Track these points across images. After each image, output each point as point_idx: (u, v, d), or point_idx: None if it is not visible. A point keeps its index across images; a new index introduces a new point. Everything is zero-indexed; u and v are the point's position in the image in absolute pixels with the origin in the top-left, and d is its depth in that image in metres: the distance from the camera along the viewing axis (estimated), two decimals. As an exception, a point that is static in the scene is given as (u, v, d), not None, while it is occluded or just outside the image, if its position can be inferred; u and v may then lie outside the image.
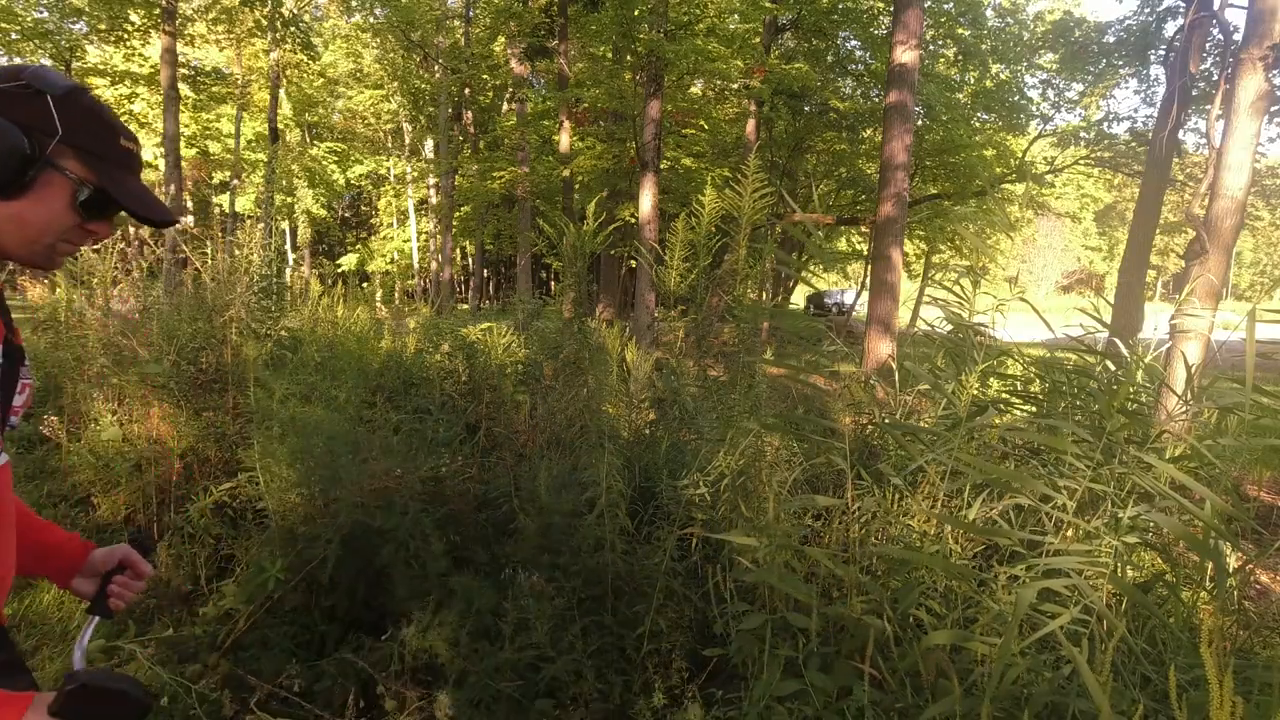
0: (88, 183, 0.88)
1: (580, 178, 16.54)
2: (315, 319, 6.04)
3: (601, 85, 13.21)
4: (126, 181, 0.92)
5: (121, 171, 0.92)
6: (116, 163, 0.91)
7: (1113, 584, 1.66)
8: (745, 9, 12.39)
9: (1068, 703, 1.46)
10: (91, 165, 0.88)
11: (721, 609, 2.12)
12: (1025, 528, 2.00)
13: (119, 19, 14.99)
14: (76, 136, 0.87)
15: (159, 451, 3.42)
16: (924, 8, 8.93)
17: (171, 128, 12.62)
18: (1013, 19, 17.28)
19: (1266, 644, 1.93)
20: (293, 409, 3.17)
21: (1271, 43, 4.00)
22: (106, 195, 0.90)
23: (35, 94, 0.85)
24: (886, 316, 7.80)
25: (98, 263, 4.23)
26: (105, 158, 0.90)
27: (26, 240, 0.88)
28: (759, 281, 3.12)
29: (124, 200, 0.90)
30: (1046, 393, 2.82)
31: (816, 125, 16.26)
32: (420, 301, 20.13)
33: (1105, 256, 50.81)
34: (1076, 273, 55.10)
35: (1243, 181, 4.09)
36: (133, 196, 0.92)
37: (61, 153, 0.86)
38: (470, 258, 28.18)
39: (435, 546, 2.52)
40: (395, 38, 19.72)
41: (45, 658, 2.39)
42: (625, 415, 3.48)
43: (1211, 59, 11.84)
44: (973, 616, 1.83)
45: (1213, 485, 2.03)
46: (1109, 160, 17.35)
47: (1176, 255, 6.19)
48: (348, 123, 28.80)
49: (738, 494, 2.43)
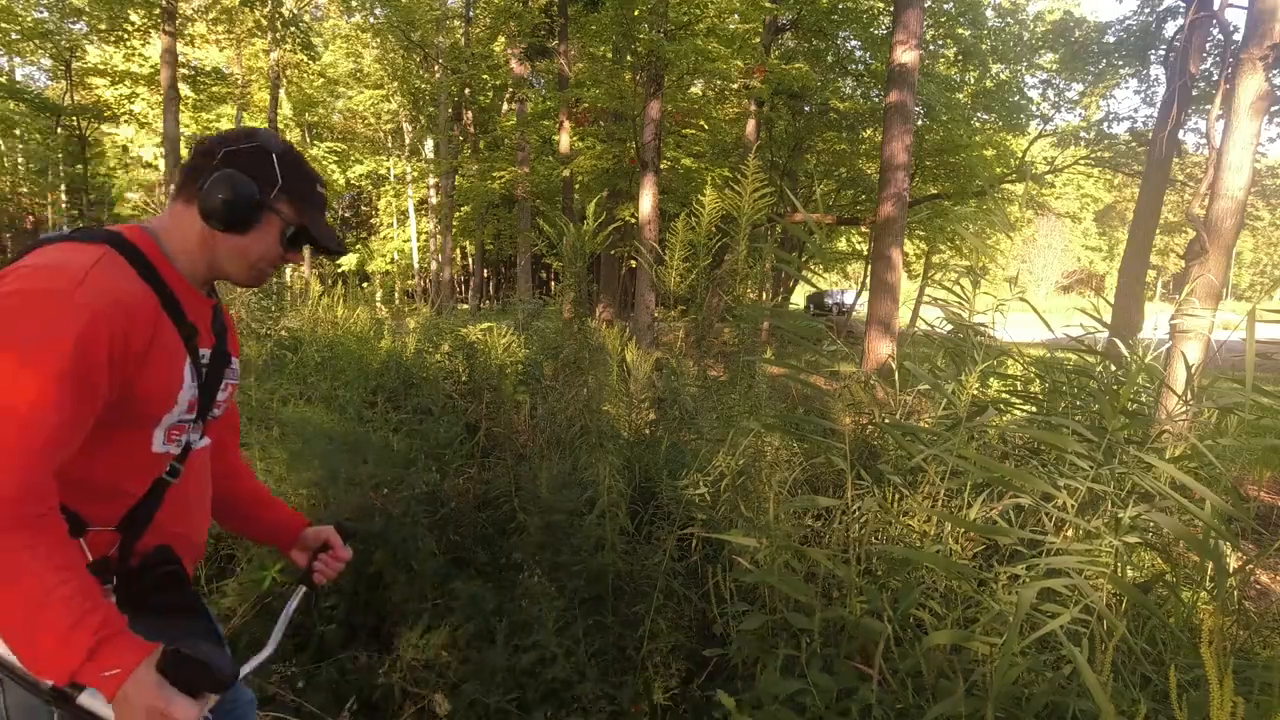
0: (293, 223, 1.11)
1: (580, 178, 16.52)
2: (315, 319, 6.04)
3: (601, 85, 13.19)
4: (319, 220, 1.15)
5: (316, 212, 1.14)
6: (314, 205, 1.14)
7: (1113, 584, 1.66)
8: (745, 9, 12.37)
9: (1068, 703, 1.46)
10: (297, 209, 1.11)
11: (721, 609, 2.12)
12: (1026, 528, 2.00)
13: (119, 19, 14.97)
14: (289, 186, 1.09)
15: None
16: (924, 8, 8.93)
17: (171, 128, 12.62)
18: (1013, 19, 17.26)
19: (1266, 644, 1.93)
20: (293, 409, 3.17)
21: (1271, 43, 4.00)
22: (307, 232, 1.12)
23: (264, 153, 1.06)
24: (886, 316, 7.79)
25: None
26: (306, 202, 1.12)
27: (245, 267, 1.10)
28: (759, 281, 3.12)
29: (319, 237, 1.13)
30: (1046, 393, 2.82)
31: (816, 125, 16.24)
32: (420, 301, 20.13)
33: (1105, 256, 50.79)
34: (1076, 273, 55.10)
35: (1243, 181, 4.09)
36: (323, 233, 1.14)
37: (278, 199, 1.08)
38: (470, 258, 28.19)
39: (427, 547, 2.52)
40: (395, 38, 19.70)
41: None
42: (625, 415, 3.48)
43: (1211, 59, 11.83)
44: (973, 616, 1.83)
45: (1213, 485, 2.03)
46: (1109, 160, 17.33)
47: (1176, 255, 6.18)
48: (348, 123, 28.78)
49: (738, 494, 2.43)
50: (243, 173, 1.03)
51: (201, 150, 1.06)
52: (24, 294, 0.88)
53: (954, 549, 2.14)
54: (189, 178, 1.06)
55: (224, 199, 1.02)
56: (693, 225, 3.15)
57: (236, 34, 19.39)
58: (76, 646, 0.81)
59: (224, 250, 1.07)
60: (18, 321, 0.86)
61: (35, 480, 0.85)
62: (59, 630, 0.80)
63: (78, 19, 16.79)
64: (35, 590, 0.80)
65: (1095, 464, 1.67)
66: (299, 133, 28.02)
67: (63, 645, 0.80)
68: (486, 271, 31.94)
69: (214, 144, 1.06)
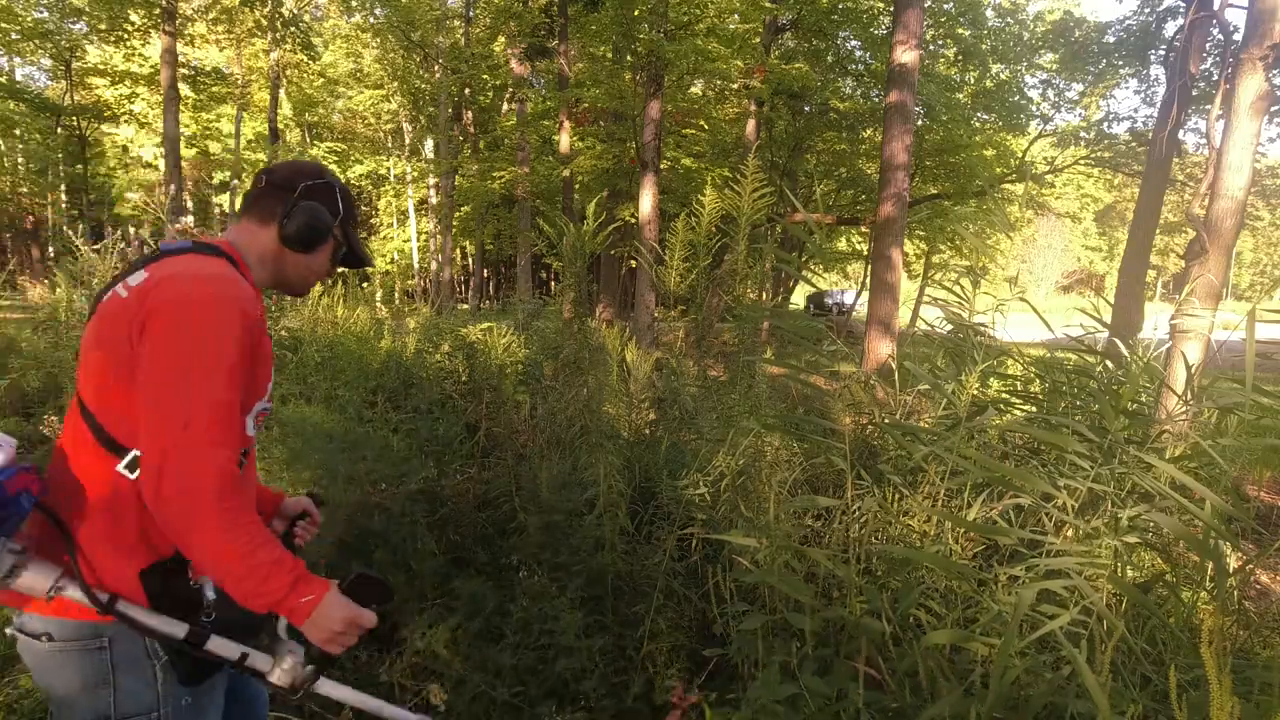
0: (344, 243, 1.36)
1: (580, 178, 16.51)
2: (315, 319, 6.04)
3: (601, 85, 13.18)
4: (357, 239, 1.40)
5: (357, 233, 1.40)
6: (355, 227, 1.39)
7: (1113, 584, 1.66)
8: (745, 9, 12.37)
9: (1067, 703, 1.45)
10: (346, 232, 1.35)
11: (721, 609, 2.12)
12: (1026, 528, 2.00)
13: (119, 19, 14.97)
14: (346, 216, 1.33)
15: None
16: (924, 8, 8.93)
17: (171, 128, 12.61)
18: (1013, 19, 17.25)
19: (1266, 644, 1.93)
20: (292, 409, 3.17)
21: (1271, 43, 3.99)
22: (353, 252, 1.38)
23: (332, 188, 1.30)
24: (886, 316, 7.79)
25: (98, 263, 4.22)
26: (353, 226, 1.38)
27: (304, 279, 1.33)
28: (759, 281, 3.12)
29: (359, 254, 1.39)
30: (1046, 393, 2.82)
31: (816, 125, 16.23)
32: (420, 301, 20.13)
33: (1105, 256, 50.77)
34: (1076, 273, 55.07)
35: (1243, 182, 4.08)
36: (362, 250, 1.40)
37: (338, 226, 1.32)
38: (470, 258, 28.17)
39: (426, 547, 2.52)
40: (395, 38, 19.69)
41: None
42: (625, 415, 3.48)
43: (1211, 59, 11.83)
44: (973, 616, 1.83)
45: (1213, 485, 2.03)
46: (1109, 160, 17.33)
47: (1176, 255, 6.18)
48: (348, 123, 28.76)
49: (738, 494, 2.42)
50: (321, 205, 1.26)
51: (275, 181, 1.26)
52: (196, 303, 1.06)
53: (954, 549, 2.14)
54: (263, 202, 1.26)
55: (306, 226, 1.24)
56: (693, 225, 3.14)
57: (236, 34, 19.38)
58: (281, 582, 1.02)
59: (291, 265, 1.29)
60: (196, 328, 1.05)
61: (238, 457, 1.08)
62: (267, 570, 1.01)
63: (78, 19, 16.79)
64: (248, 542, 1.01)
65: (1095, 464, 1.67)
66: (299, 133, 28.02)
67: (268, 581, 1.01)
68: (486, 271, 31.92)
69: (290, 176, 1.27)
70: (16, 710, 2.12)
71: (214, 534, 0.99)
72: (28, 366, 5.05)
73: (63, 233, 10.25)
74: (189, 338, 1.04)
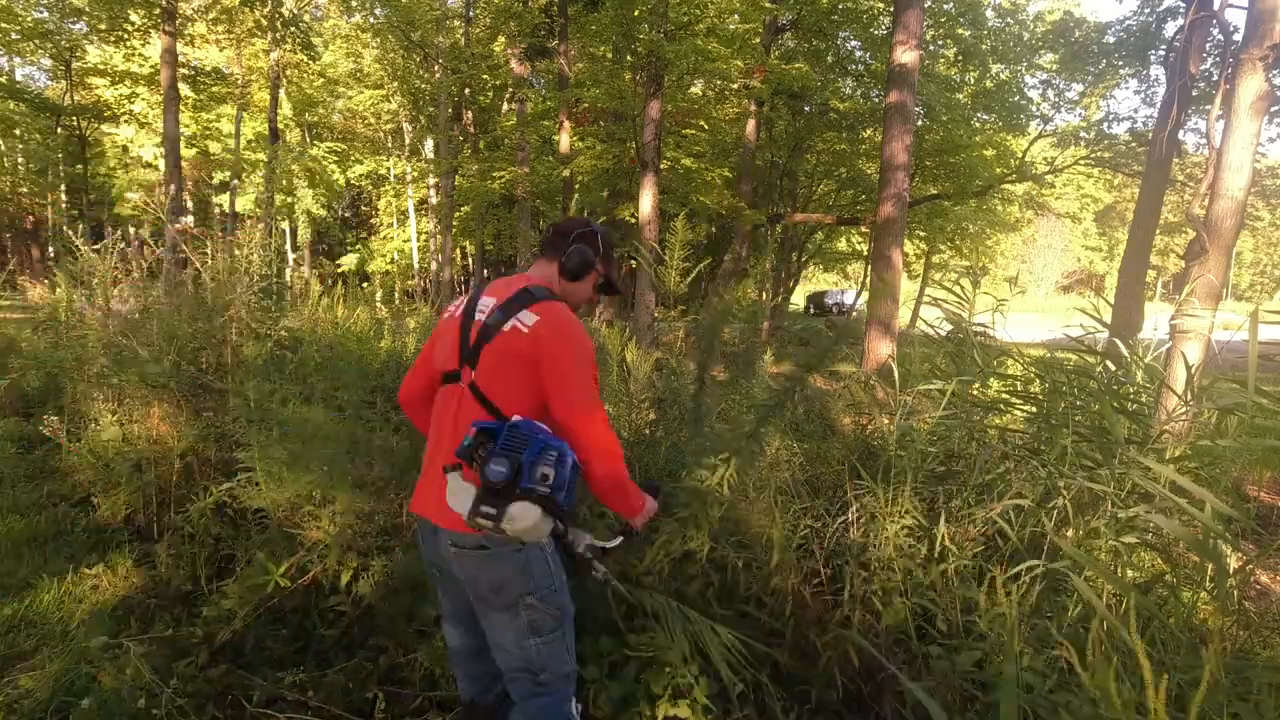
0: (603, 275, 1.81)
1: (580, 178, 16.48)
2: (315, 319, 6.04)
3: (601, 85, 13.16)
4: (614, 273, 1.84)
5: (615, 267, 1.85)
6: (614, 264, 1.84)
7: (1113, 584, 1.66)
8: (745, 9, 12.36)
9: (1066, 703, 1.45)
10: (605, 266, 1.80)
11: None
12: (1026, 528, 2.00)
13: (119, 19, 14.96)
14: (605, 255, 1.79)
15: (159, 451, 3.41)
16: (924, 8, 8.93)
17: (171, 128, 12.61)
18: (1013, 19, 17.25)
19: (1266, 644, 1.92)
20: (292, 409, 3.16)
21: (1271, 43, 4.00)
22: (609, 281, 1.83)
23: (594, 235, 1.76)
24: (886, 316, 7.79)
25: (98, 263, 4.22)
26: (610, 260, 1.81)
27: (576, 302, 1.77)
28: (759, 281, 3.12)
29: (615, 284, 1.84)
30: (1046, 393, 2.82)
31: (816, 125, 16.22)
32: (420, 302, 20.13)
33: (1105, 256, 50.74)
34: (1076, 273, 55.06)
35: (1243, 182, 4.09)
36: (617, 281, 1.86)
37: (599, 262, 1.77)
38: (470, 258, 28.15)
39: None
40: (395, 38, 19.69)
41: (45, 658, 2.39)
42: (625, 415, 3.48)
43: (1211, 59, 11.83)
44: (972, 617, 1.83)
45: (1212, 486, 2.03)
46: (1109, 160, 17.33)
47: (1176, 255, 6.18)
48: (348, 123, 28.75)
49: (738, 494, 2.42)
50: (588, 247, 1.73)
51: (560, 231, 1.76)
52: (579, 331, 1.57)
53: (953, 549, 2.14)
54: (554, 245, 1.74)
55: (578, 262, 1.72)
56: (693, 225, 3.14)
57: (236, 34, 19.38)
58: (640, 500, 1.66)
59: (569, 291, 1.74)
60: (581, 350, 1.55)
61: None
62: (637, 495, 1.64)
63: (78, 19, 16.79)
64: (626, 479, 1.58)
65: (1095, 464, 1.67)
66: (299, 133, 28.02)
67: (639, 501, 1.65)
68: (487, 271, 31.88)
69: (570, 227, 1.76)
70: (16, 710, 2.12)
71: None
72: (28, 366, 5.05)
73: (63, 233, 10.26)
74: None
